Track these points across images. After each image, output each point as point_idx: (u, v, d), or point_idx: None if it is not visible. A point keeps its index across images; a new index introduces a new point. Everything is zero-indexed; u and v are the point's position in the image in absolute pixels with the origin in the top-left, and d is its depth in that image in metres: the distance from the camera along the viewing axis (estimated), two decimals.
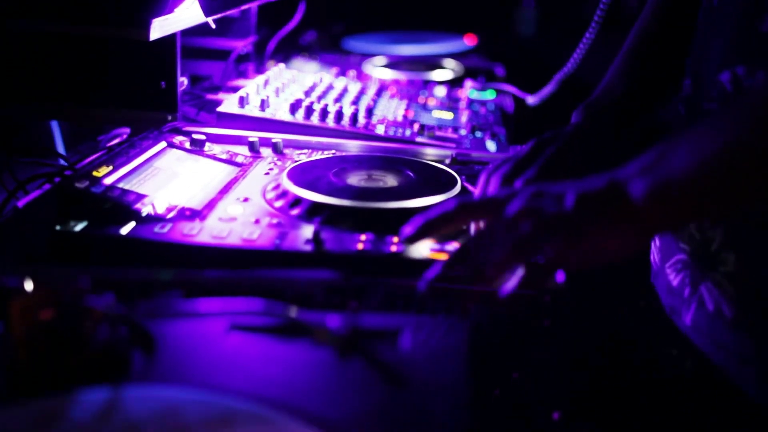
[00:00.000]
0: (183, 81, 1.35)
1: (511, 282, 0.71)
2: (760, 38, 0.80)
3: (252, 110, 1.33)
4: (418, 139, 1.30)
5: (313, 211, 0.93)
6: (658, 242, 0.96)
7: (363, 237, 0.87)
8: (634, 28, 1.08)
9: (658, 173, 0.65)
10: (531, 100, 1.69)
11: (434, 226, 0.74)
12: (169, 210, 0.92)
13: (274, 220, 0.92)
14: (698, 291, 0.86)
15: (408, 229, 0.75)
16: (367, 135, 1.30)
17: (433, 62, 2.06)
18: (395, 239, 0.86)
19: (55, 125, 1.28)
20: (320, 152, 1.22)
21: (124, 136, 1.31)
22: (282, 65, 1.71)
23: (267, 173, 1.11)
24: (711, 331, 0.86)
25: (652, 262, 0.99)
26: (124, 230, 0.87)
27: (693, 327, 0.88)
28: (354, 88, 1.59)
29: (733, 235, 0.83)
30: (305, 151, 1.24)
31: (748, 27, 0.82)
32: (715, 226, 0.85)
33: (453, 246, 0.83)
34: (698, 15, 0.92)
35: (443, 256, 0.75)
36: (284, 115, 1.33)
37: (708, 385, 0.88)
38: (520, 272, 0.71)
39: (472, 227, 0.87)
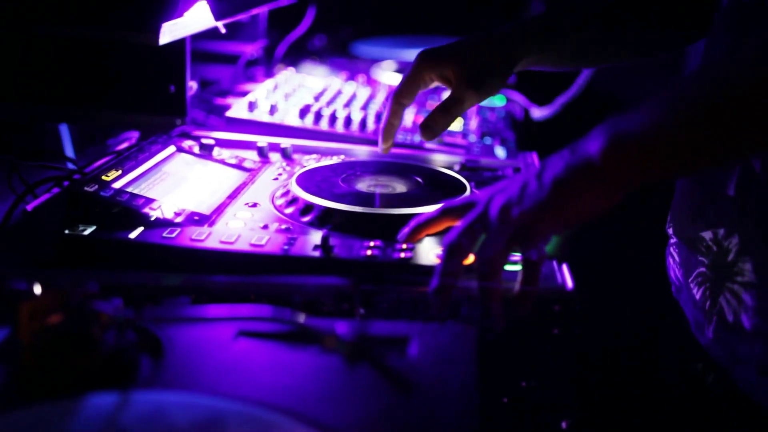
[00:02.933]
0: (192, 85, 1.35)
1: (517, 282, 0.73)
2: None
3: (261, 115, 1.33)
4: (427, 145, 1.30)
5: (321, 217, 0.93)
6: (677, 258, 0.95)
7: (371, 243, 0.86)
8: None
9: (615, 128, 0.68)
10: (537, 114, 1.69)
11: (421, 228, 0.81)
12: (178, 215, 0.92)
13: (283, 226, 0.92)
14: (718, 303, 0.86)
15: (404, 230, 0.82)
16: (376, 141, 1.30)
17: None
18: (404, 246, 0.86)
19: (64, 129, 1.28)
20: (329, 158, 1.22)
21: (133, 140, 1.31)
22: (291, 70, 1.71)
23: (276, 178, 1.10)
24: (731, 343, 0.85)
25: (673, 278, 0.98)
26: (133, 234, 0.87)
27: (715, 340, 0.87)
28: (363, 93, 1.59)
29: (749, 245, 0.83)
30: (314, 156, 1.24)
31: None
32: (730, 237, 0.84)
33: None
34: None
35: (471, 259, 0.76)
36: (293, 120, 1.33)
37: (727, 399, 0.87)
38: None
39: None
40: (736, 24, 0.84)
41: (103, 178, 0.96)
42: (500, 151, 1.31)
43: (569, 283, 0.80)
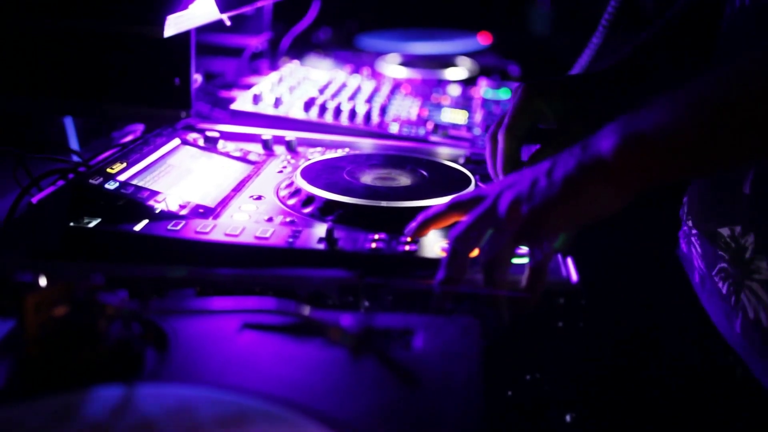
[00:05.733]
0: (197, 78, 1.35)
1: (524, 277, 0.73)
2: None
3: (266, 108, 1.33)
4: (432, 138, 1.30)
5: (326, 210, 0.93)
6: (700, 249, 0.95)
7: (376, 236, 0.86)
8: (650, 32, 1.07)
9: (628, 127, 0.67)
10: None
11: (429, 223, 0.80)
12: (183, 207, 0.92)
13: (288, 219, 0.92)
14: (741, 299, 0.86)
15: (411, 225, 0.81)
16: (381, 134, 1.30)
17: (447, 61, 2.05)
18: (409, 239, 0.86)
19: (69, 121, 1.28)
20: (333, 150, 1.22)
21: (138, 133, 1.31)
22: (296, 63, 1.71)
23: (280, 171, 1.10)
24: (755, 339, 0.84)
25: (697, 267, 0.97)
26: (138, 227, 0.87)
27: (742, 334, 0.86)
28: (368, 86, 1.59)
29: (765, 243, 0.82)
30: (319, 149, 1.23)
31: None
32: (746, 234, 0.84)
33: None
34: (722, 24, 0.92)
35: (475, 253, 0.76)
36: (298, 113, 1.33)
37: (754, 392, 0.87)
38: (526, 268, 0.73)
39: None
40: (753, 25, 0.84)
41: (108, 170, 0.96)
42: None
43: (574, 276, 0.80)
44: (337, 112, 1.34)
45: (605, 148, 0.67)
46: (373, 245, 0.84)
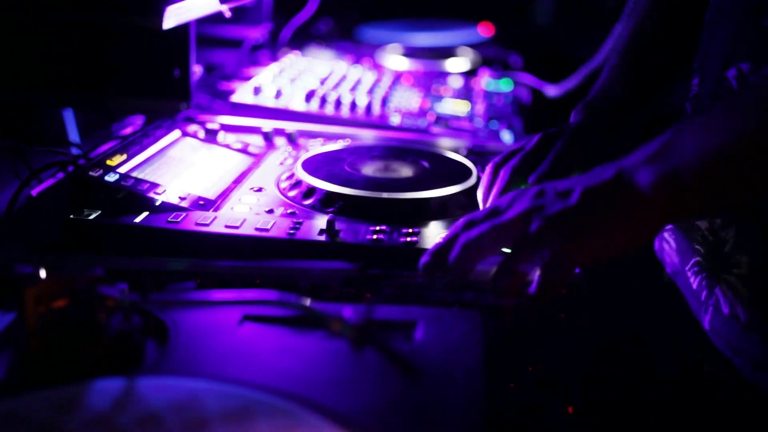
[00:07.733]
0: (197, 69, 1.34)
1: (531, 287, 0.70)
2: (764, 33, 0.78)
3: (266, 99, 1.33)
4: (433, 129, 1.30)
5: (327, 202, 0.93)
6: (674, 244, 0.94)
7: (377, 228, 0.86)
8: (631, 22, 1.06)
9: (666, 162, 0.64)
10: (552, 91, 1.68)
11: (439, 260, 0.71)
12: (183, 199, 0.92)
13: (288, 210, 0.92)
14: (714, 294, 0.84)
15: (424, 259, 0.72)
16: (382, 125, 1.30)
17: (448, 52, 2.05)
18: (410, 230, 0.86)
19: (68, 114, 1.28)
20: (334, 142, 1.22)
21: (138, 125, 1.31)
22: (296, 54, 1.70)
23: (281, 163, 1.10)
24: (727, 335, 0.84)
25: (668, 262, 0.97)
26: (138, 219, 0.87)
27: (711, 330, 0.86)
28: (369, 77, 1.58)
29: (746, 237, 0.81)
30: (319, 140, 1.23)
31: (753, 22, 0.80)
32: (727, 227, 0.83)
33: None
34: (704, 12, 0.91)
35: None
36: (298, 105, 1.33)
37: (726, 387, 0.87)
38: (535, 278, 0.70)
39: None
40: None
41: (108, 162, 0.95)
42: (507, 136, 1.31)
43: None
44: (338, 103, 1.34)
45: (642, 183, 0.64)
46: (375, 237, 0.84)
